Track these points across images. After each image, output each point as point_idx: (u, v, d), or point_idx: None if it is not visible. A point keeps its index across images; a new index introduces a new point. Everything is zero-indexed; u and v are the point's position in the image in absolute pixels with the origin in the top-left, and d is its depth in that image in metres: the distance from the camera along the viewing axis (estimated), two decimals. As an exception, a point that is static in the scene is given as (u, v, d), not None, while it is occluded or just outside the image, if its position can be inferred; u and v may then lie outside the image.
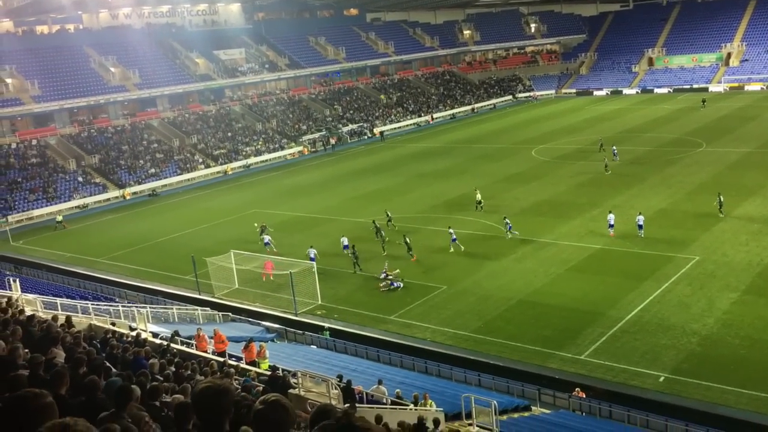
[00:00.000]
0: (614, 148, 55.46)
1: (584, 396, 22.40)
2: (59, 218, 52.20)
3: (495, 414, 17.72)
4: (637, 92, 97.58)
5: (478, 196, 44.26)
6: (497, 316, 28.75)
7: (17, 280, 29.86)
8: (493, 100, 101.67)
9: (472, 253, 36.34)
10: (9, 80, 66.62)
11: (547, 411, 22.21)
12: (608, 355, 24.52)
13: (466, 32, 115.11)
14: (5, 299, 17.78)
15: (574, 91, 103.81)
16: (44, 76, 67.94)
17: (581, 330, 26.55)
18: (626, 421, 21.11)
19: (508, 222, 38.04)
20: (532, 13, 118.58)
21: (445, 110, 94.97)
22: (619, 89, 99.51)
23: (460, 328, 27.97)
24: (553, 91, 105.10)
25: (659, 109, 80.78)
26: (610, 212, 37.52)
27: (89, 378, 6.90)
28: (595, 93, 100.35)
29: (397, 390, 19.72)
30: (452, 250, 36.53)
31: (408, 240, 36.59)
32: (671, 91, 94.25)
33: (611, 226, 36.71)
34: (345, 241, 37.38)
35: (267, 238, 39.28)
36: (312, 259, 34.55)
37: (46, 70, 68.91)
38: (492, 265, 34.40)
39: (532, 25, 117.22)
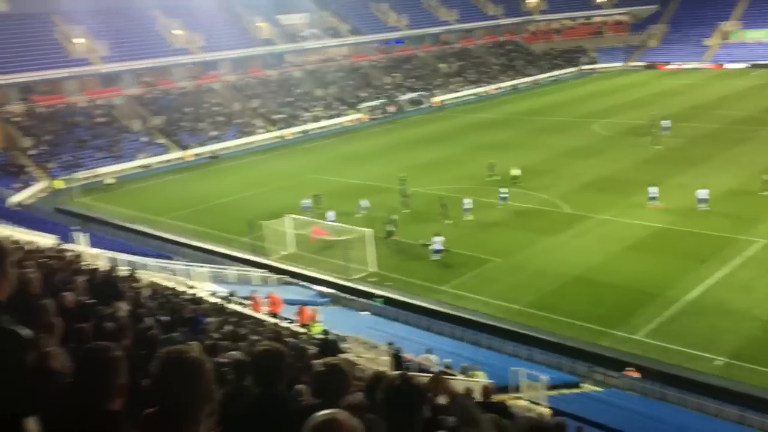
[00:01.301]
0: (665, 122, 53.72)
1: (638, 376, 22.08)
2: (109, 180, 53.25)
3: (545, 389, 17.65)
4: (709, 67, 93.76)
5: (516, 172, 43.57)
6: (551, 291, 28.44)
7: (85, 234, 31.08)
8: (557, 72, 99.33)
9: (528, 227, 35.91)
10: (79, 40, 68.39)
11: (598, 389, 22.01)
12: (663, 336, 24.03)
13: (531, 0, 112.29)
14: (73, 253, 18.46)
15: (642, 64, 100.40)
16: (113, 38, 69.47)
17: (637, 309, 26.06)
18: (680, 404, 20.74)
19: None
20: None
21: (507, 81, 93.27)
22: (690, 63, 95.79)
23: (512, 301, 27.80)
24: (619, 64, 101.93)
25: (731, 85, 77.52)
26: (652, 186, 37.55)
27: (150, 332, 7.15)
28: (664, 67, 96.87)
29: (447, 360, 19.83)
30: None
31: (445, 204, 37.23)
32: (746, 66, 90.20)
33: (653, 198, 36.94)
34: (306, 203, 39.96)
35: (331, 214, 38.32)
36: (437, 250, 32.72)
37: (115, 31, 70.41)
38: (548, 240, 33.95)
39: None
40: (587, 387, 22.20)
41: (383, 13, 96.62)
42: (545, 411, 17.63)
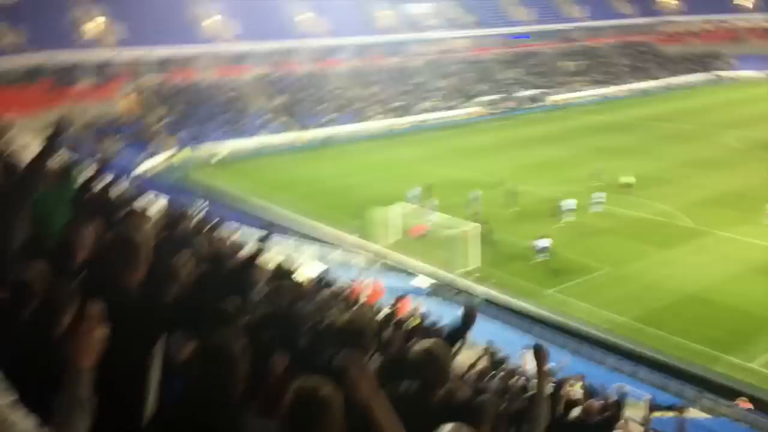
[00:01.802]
0: None
1: (751, 407, 20.73)
2: (219, 157, 54.88)
3: (648, 409, 16.92)
4: None
5: (627, 179, 41.65)
6: (662, 307, 27.14)
7: (204, 204, 32.57)
8: (691, 77, 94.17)
9: (642, 237, 34.40)
10: (214, 20, 71.61)
11: (706, 416, 20.84)
12: (784, 369, 22.43)
13: (667, 0, 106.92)
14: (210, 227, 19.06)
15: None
16: (244, 18, 72.26)
17: (756, 336, 24.45)
18: (795, 443, 19.31)
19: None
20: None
21: (635, 83, 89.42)
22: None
23: (619, 313, 26.77)
24: (762, 74, 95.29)
25: None
26: None
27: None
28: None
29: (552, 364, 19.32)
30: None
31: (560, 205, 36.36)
32: None
33: None
34: (416, 192, 39.73)
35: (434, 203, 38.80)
36: (542, 248, 32.02)
37: (246, 11, 73.17)
38: (663, 254, 32.38)
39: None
40: (694, 412, 21.06)
41: (510, 6, 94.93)
42: (644, 432, 16.88)
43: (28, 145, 17.90)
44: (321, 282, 22.13)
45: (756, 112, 67.54)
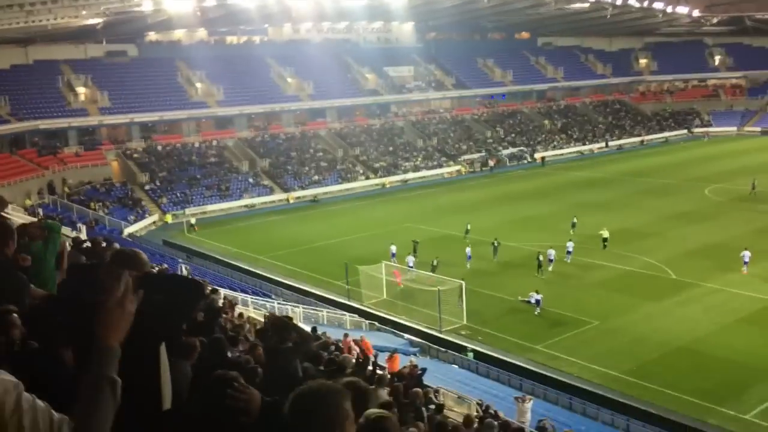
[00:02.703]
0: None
1: (747, 460, 20.43)
2: (193, 221, 54.52)
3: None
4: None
5: (605, 234, 42.08)
6: (653, 360, 27.00)
7: (188, 267, 32.39)
8: (666, 134, 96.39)
9: (630, 291, 34.46)
10: (199, 84, 72.76)
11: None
12: (778, 419, 22.23)
13: (642, 61, 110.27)
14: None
15: (758, 129, 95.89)
16: (229, 83, 73.46)
17: (748, 387, 24.30)
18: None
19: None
20: (718, 44, 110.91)
21: (612, 140, 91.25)
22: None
23: (610, 367, 26.57)
24: (734, 128, 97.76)
25: None
26: (745, 249, 36.49)
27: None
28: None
29: (545, 419, 19.12)
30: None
31: (540, 258, 36.58)
32: None
33: (745, 263, 35.88)
34: (393, 249, 40.14)
35: (411, 259, 38.80)
36: (537, 301, 32.48)
37: (231, 77, 74.43)
38: (651, 306, 32.41)
39: (717, 57, 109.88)
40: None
41: (489, 68, 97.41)
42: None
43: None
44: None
45: (731, 166, 68.91)
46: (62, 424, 2.29)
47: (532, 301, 32.18)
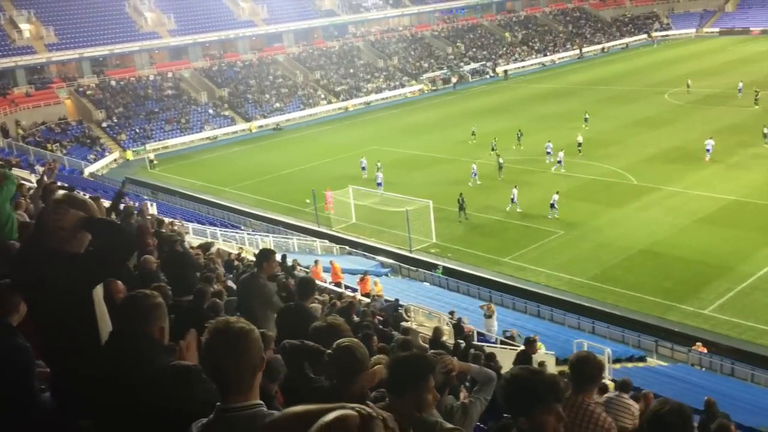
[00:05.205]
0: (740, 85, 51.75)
1: (705, 351, 21.54)
2: (152, 156, 53.63)
3: (608, 362, 17.44)
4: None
5: (579, 138, 43.18)
6: (616, 264, 27.89)
7: (154, 204, 32.10)
8: (626, 39, 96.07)
9: (593, 199, 35.18)
10: (148, 14, 70.00)
11: (664, 363, 21.60)
12: (735, 312, 23.34)
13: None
14: (155, 220, 18.93)
15: (717, 30, 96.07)
16: (180, 11, 70.89)
17: (706, 284, 25.34)
18: (750, 380, 20.18)
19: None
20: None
21: (574, 49, 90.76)
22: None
23: (576, 274, 27.42)
24: (693, 30, 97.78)
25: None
26: (710, 138, 39.41)
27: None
28: (742, 32, 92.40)
29: (513, 330, 19.78)
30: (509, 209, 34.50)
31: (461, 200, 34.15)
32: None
33: (708, 150, 38.66)
34: (363, 162, 41.79)
35: (380, 176, 39.28)
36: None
37: (182, 4, 71.77)
38: (613, 213, 33.21)
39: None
40: (653, 361, 21.80)
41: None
42: (608, 383, 17.41)
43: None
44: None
45: (688, 69, 69.21)
46: None
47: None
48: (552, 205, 32.76)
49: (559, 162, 39.80)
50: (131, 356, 3.25)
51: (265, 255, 7.94)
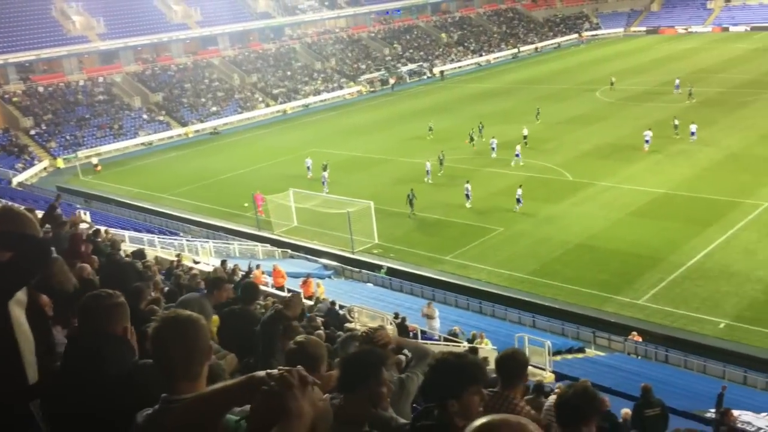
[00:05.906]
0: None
1: (640, 340, 22.26)
2: (95, 161, 52.62)
3: (549, 354, 17.82)
4: (712, 30, 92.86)
5: (525, 131, 45.14)
6: (554, 259, 28.54)
7: (87, 213, 31.16)
8: (558, 39, 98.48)
9: (530, 196, 35.81)
10: (76, 18, 67.90)
11: (602, 354, 22.22)
12: (667, 301, 24.20)
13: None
14: (92, 229, 18.35)
15: (644, 29, 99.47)
16: (109, 14, 69.00)
17: (640, 275, 26.19)
18: (683, 366, 20.96)
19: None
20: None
21: (508, 49, 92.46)
22: (692, 27, 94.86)
23: (515, 270, 27.93)
24: (621, 30, 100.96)
25: (734, 49, 76.87)
26: (648, 129, 41.66)
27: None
28: (666, 31, 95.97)
29: (456, 327, 19.99)
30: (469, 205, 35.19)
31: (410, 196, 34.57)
32: (749, 29, 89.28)
33: (647, 142, 40.80)
34: (308, 162, 42.49)
35: (325, 175, 39.30)
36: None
37: (111, 7, 69.87)
38: (550, 209, 33.96)
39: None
40: (592, 352, 22.41)
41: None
42: (548, 375, 17.83)
43: None
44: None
45: (619, 67, 71.37)
46: None
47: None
48: (518, 200, 33.43)
49: (517, 155, 40.88)
50: (96, 356, 3.23)
51: (216, 283, 7.91)
